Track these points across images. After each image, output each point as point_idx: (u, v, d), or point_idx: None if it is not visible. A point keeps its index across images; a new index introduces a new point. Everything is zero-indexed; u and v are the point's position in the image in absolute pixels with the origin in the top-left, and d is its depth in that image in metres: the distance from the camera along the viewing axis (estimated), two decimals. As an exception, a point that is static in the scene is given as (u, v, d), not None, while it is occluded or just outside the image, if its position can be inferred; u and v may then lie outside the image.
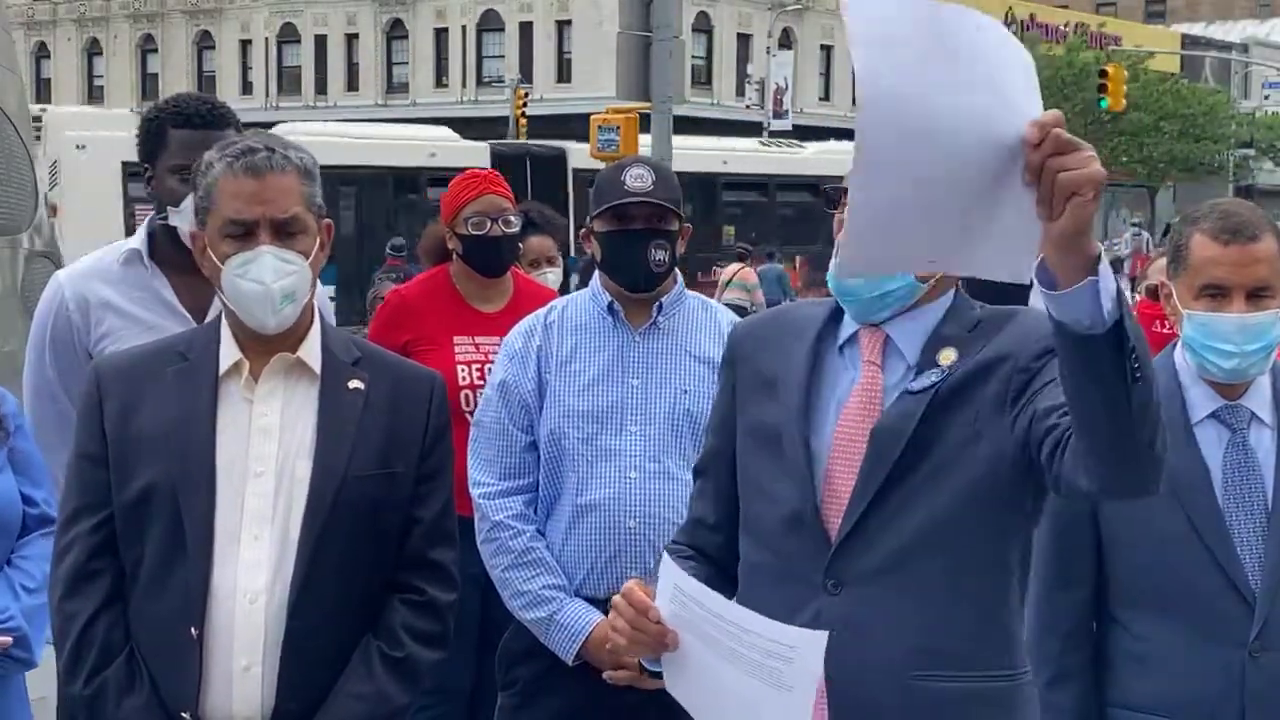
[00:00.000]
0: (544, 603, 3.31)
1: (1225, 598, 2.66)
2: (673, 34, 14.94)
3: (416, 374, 2.78)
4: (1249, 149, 49.94)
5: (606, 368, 3.37)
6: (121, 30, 58.31)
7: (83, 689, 2.54)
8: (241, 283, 2.53)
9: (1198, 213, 2.75)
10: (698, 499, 2.61)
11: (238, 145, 2.57)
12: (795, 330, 2.47)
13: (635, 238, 3.36)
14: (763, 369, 2.47)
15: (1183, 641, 2.68)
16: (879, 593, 2.30)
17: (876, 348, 2.39)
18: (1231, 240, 2.65)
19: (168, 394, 2.58)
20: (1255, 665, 2.65)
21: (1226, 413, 2.72)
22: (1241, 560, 2.66)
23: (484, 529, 3.39)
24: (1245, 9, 75.32)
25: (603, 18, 39.68)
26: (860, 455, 2.33)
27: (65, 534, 2.60)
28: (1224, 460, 2.70)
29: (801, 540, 2.35)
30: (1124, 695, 2.76)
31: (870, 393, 2.37)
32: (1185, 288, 2.71)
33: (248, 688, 2.53)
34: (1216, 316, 2.65)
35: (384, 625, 2.63)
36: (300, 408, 2.60)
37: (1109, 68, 35.14)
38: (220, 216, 2.54)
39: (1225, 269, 2.65)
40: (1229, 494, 2.68)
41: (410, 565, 2.66)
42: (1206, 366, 2.70)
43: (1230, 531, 2.67)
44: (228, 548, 2.53)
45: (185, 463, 2.54)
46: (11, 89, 4.82)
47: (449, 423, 2.76)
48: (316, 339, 2.64)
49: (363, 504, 2.58)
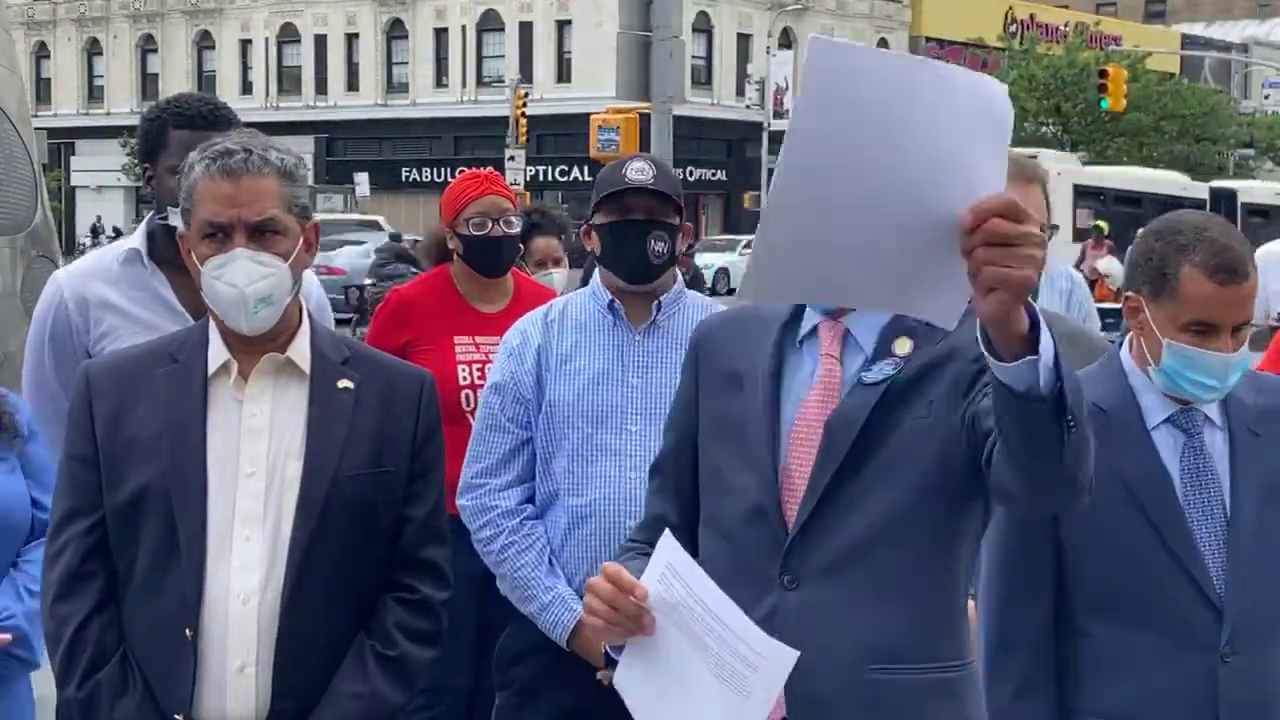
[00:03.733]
0: (542, 590, 3.31)
1: (1193, 603, 2.63)
2: (673, 34, 14.96)
3: (407, 373, 2.78)
4: (1249, 149, 49.92)
5: (606, 367, 3.37)
6: (121, 30, 58.30)
7: (76, 691, 2.54)
8: (217, 285, 2.53)
9: (1181, 237, 2.64)
10: (656, 495, 2.60)
11: (217, 146, 2.56)
12: (759, 325, 2.46)
13: (635, 228, 3.35)
14: (726, 365, 2.47)
15: (1152, 648, 2.65)
16: (834, 587, 2.31)
17: (835, 340, 2.39)
18: (1228, 280, 2.59)
19: (158, 396, 2.58)
20: (1227, 669, 2.63)
21: (1181, 417, 2.69)
22: (1206, 565, 2.64)
23: (481, 520, 3.39)
24: (1245, 9, 75.31)
25: (603, 18, 39.70)
26: (814, 445, 2.34)
27: (58, 537, 2.60)
28: (1181, 465, 2.67)
29: (759, 533, 2.36)
30: (1094, 702, 2.71)
31: (828, 385, 2.38)
32: (1168, 316, 2.64)
33: (242, 689, 2.52)
34: (1203, 354, 2.61)
35: (377, 624, 2.63)
36: (290, 408, 2.60)
37: (1109, 68, 35.18)
38: (198, 218, 2.54)
39: (1219, 308, 2.60)
40: (1188, 498, 2.66)
41: (403, 564, 2.66)
42: (1182, 391, 2.66)
43: (1194, 537, 2.65)
44: (220, 549, 2.52)
45: (177, 464, 2.53)
46: (11, 89, 4.82)
47: (439, 421, 2.75)
48: (305, 339, 2.64)
49: (354, 503, 2.57)
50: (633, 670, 2.30)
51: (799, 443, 2.37)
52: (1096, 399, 2.67)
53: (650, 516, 2.60)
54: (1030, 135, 45.89)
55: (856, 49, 1.82)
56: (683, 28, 17.36)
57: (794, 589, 2.33)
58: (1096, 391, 2.69)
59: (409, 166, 51.18)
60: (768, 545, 2.35)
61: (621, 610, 2.24)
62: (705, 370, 2.52)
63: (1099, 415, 2.65)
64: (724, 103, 48.89)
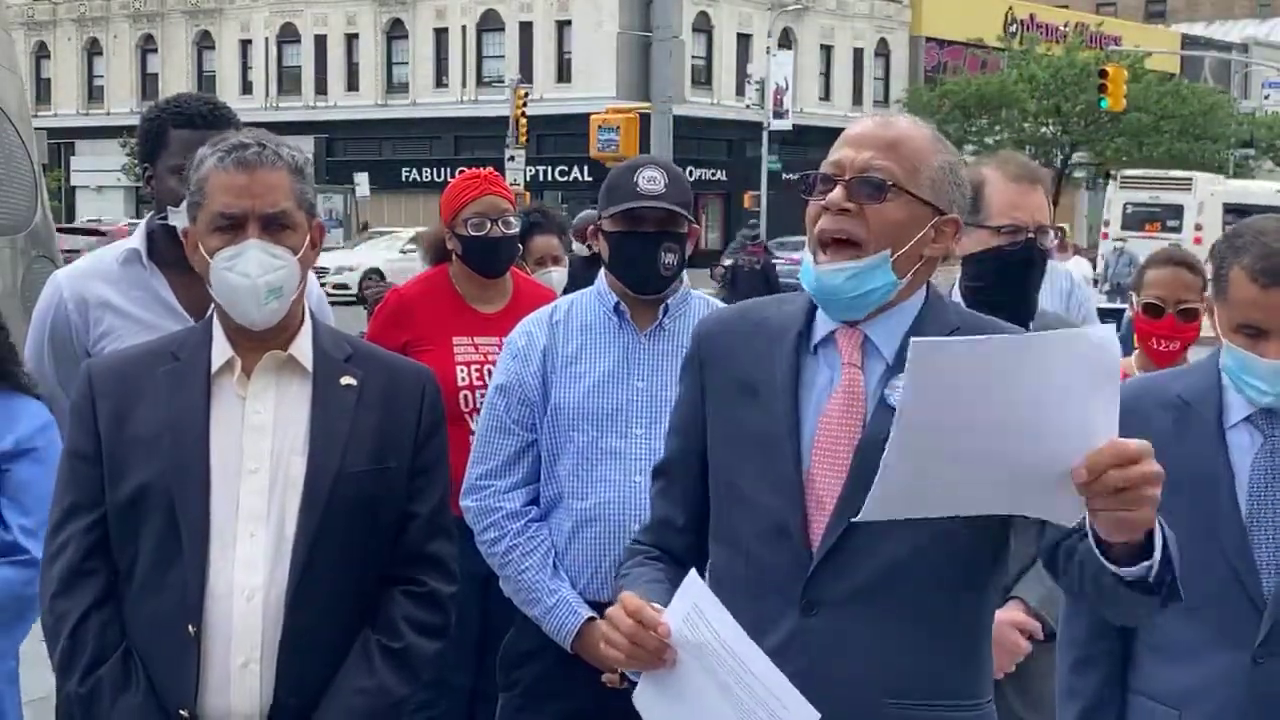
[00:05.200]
0: (546, 593, 3.30)
1: (1236, 601, 2.64)
2: (673, 34, 14.97)
3: (408, 370, 2.78)
4: (1249, 149, 49.93)
5: (612, 369, 3.35)
6: (121, 30, 58.31)
7: (78, 686, 2.54)
8: (228, 275, 2.54)
9: (1240, 240, 2.68)
10: (662, 499, 2.55)
11: (230, 140, 2.59)
12: (772, 331, 2.40)
13: (646, 240, 3.34)
14: (738, 372, 2.40)
15: (1193, 639, 2.67)
16: (855, 618, 2.25)
17: (855, 348, 2.34)
18: (1271, 284, 2.60)
19: (161, 394, 2.58)
20: (1260, 670, 2.63)
21: (1261, 418, 2.70)
22: (1257, 565, 2.64)
23: (485, 521, 3.38)
24: (1245, 9, 75.33)
25: (603, 18, 39.71)
26: (842, 462, 2.28)
27: (59, 533, 2.60)
28: (1253, 465, 2.68)
29: (781, 552, 2.30)
30: (1146, 683, 2.77)
31: (852, 395, 2.32)
32: (1225, 317, 2.68)
33: (246, 684, 2.53)
34: (1253, 359, 2.63)
35: (384, 617, 2.63)
36: (293, 405, 2.60)
37: (1109, 68, 35.16)
38: (210, 210, 2.55)
39: (1262, 313, 2.62)
40: (1254, 499, 2.66)
41: (409, 560, 2.67)
42: (1242, 392, 2.68)
43: (1249, 535, 2.65)
44: (224, 545, 2.53)
45: (180, 462, 2.54)
46: (11, 89, 4.82)
47: (443, 418, 2.75)
48: (308, 336, 2.65)
49: (357, 500, 2.58)
50: (653, 694, 2.28)
51: (822, 454, 2.31)
52: (1182, 390, 2.74)
53: (655, 520, 2.57)
54: (1030, 135, 45.95)
55: (952, 345, 1.96)
56: (683, 28, 17.37)
57: (813, 615, 2.27)
58: (1186, 383, 2.76)
59: (409, 166, 51.19)
60: (789, 565, 2.29)
61: (642, 645, 2.20)
62: (712, 376, 2.45)
63: (1180, 407, 2.72)
64: (724, 103, 48.89)
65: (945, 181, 2.33)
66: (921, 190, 2.30)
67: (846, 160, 2.31)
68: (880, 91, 55.71)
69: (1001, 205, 3.36)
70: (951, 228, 2.35)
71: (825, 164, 2.34)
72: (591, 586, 3.29)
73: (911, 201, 2.30)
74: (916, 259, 2.32)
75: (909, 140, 2.33)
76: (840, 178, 2.31)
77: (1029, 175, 3.46)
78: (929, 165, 2.32)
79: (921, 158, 2.32)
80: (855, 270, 2.28)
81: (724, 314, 2.58)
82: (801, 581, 2.28)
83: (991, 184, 3.37)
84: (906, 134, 2.34)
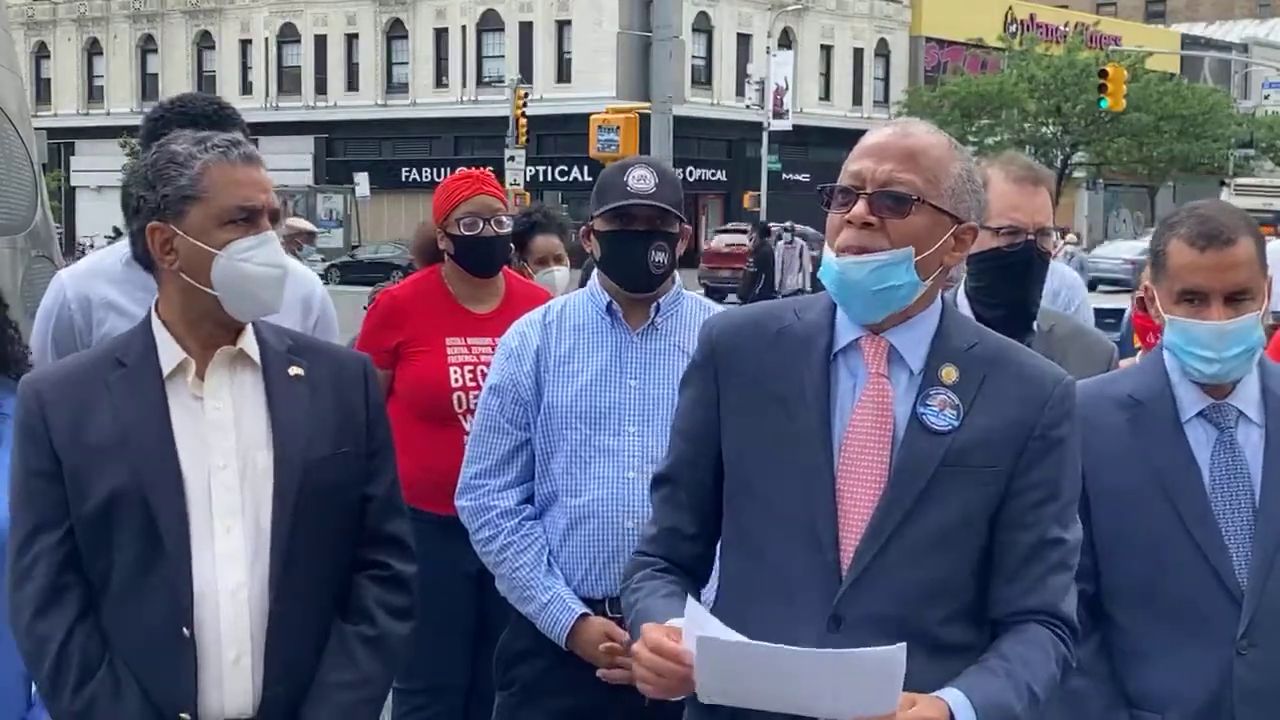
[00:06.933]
0: (541, 590, 3.32)
1: (1213, 595, 2.66)
2: (673, 34, 14.94)
3: (348, 356, 2.84)
4: (1249, 149, 49.93)
5: (604, 368, 3.37)
6: (121, 30, 58.30)
7: (70, 704, 2.53)
8: (249, 267, 2.56)
9: (1176, 217, 2.76)
10: (668, 507, 2.50)
11: (213, 138, 2.62)
12: (796, 340, 2.38)
13: (636, 239, 3.35)
14: (764, 381, 2.37)
15: (1171, 639, 2.69)
16: (879, 639, 2.18)
17: (881, 358, 2.33)
18: (1208, 246, 2.65)
19: (115, 401, 2.58)
20: (1243, 663, 2.66)
21: (1214, 411, 2.73)
22: (1230, 558, 2.67)
23: (480, 520, 3.39)
24: (1245, 9, 75.29)
25: (603, 18, 39.66)
26: (871, 474, 2.28)
27: (24, 554, 2.56)
28: (1211, 459, 2.71)
29: (810, 564, 2.28)
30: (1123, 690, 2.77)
31: (880, 405, 2.31)
32: (1165, 293, 2.72)
33: (239, 679, 2.55)
34: (1194, 323, 2.66)
35: (356, 604, 2.67)
36: (249, 399, 2.63)
37: (1109, 68, 35.16)
38: (219, 205, 2.56)
39: (1202, 275, 2.66)
40: (1217, 492, 2.69)
41: (370, 541, 2.71)
42: (1188, 370, 2.71)
43: (1219, 529, 2.68)
44: (203, 544, 2.55)
45: (150, 466, 2.54)
46: (11, 89, 4.82)
47: (385, 400, 2.81)
48: (250, 330, 2.67)
49: (325, 486, 2.62)
50: None
51: (850, 463, 2.30)
52: (1134, 390, 2.77)
53: (662, 529, 2.52)
54: (1030, 135, 45.94)
55: (737, 646, 2.14)
56: (683, 28, 17.35)
57: (838, 631, 2.25)
58: (1135, 382, 2.79)
59: (409, 166, 51.17)
60: (818, 577, 2.28)
61: (669, 676, 2.21)
62: (731, 383, 2.40)
63: (1134, 406, 2.74)
64: (724, 103, 48.87)
65: (964, 190, 2.34)
66: (942, 201, 2.31)
67: (867, 172, 2.30)
68: (880, 92, 55.69)
69: (1001, 206, 3.37)
70: (970, 235, 2.36)
71: (844, 175, 2.33)
72: (586, 583, 3.31)
73: (933, 212, 2.30)
74: (936, 265, 2.33)
75: (929, 150, 2.32)
76: (861, 190, 2.30)
77: (1031, 176, 3.47)
78: (949, 175, 2.32)
79: (942, 167, 2.32)
80: (879, 264, 2.28)
81: (735, 318, 2.51)
82: (830, 594, 2.27)
83: (993, 185, 3.38)
84: (926, 144, 2.33)
